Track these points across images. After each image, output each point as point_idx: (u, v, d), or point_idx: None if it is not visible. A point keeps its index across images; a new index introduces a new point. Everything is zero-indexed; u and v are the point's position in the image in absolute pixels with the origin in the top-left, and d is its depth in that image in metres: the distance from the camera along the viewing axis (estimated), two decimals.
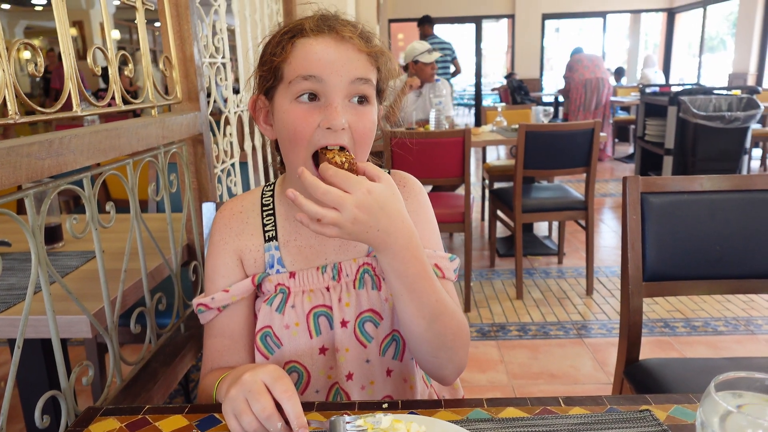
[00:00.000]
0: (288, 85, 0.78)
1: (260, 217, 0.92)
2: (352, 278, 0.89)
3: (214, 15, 1.76)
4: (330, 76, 0.76)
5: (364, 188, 0.68)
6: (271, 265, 0.89)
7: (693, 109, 4.08)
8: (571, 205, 3.17)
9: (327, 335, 0.89)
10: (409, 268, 0.76)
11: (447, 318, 0.81)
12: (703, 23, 9.89)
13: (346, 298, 0.88)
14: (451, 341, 0.82)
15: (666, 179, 1.33)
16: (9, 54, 0.85)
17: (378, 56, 0.81)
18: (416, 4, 10.61)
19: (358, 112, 0.79)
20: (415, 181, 0.95)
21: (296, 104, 0.78)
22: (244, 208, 0.93)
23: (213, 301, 0.87)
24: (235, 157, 1.98)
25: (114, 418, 0.77)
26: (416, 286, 0.77)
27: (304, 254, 0.90)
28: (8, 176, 0.84)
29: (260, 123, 0.88)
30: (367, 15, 5.40)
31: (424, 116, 4.17)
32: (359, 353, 0.89)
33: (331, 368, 0.90)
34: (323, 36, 0.78)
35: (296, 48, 0.78)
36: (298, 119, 0.77)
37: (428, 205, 0.95)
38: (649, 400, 0.77)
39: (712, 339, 2.67)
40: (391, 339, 0.90)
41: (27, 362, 1.23)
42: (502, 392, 2.26)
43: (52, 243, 1.51)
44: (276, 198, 0.93)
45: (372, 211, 0.69)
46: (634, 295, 1.32)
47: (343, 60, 0.77)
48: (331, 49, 0.77)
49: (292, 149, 0.80)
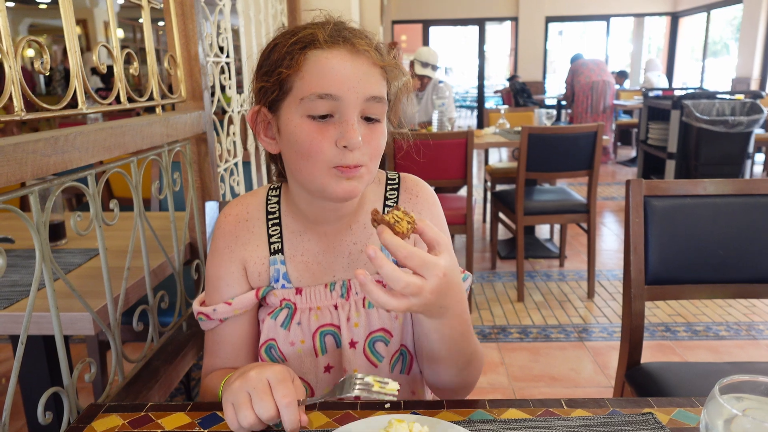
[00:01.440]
0: (300, 101, 0.73)
1: (266, 227, 0.88)
2: (361, 296, 0.86)
3: (218, 14, 1.76)
4: (346, 93, 0.72)
5: (440, 272, 0.64)
6: (276, 279, 0.87)
7: (696, 113, 4.07)
8: (573, 208, 3.17)
9: (333, 354, 0.87)
10: (454, 331, 0.75)
11: (476, 362, 0.82)
12: (706, 27, 9.88)
13: (355, 318, 0.86)
14: (474, 378, 0.84)
15: (669, 183, 1.33)
16: (16, 51, 0.85)
17: (391, 70, 0.78)
18: (419, 6, 10.62)
19: (370, 129, 0.76)
20: (429, 190, 0.92)
21: (308, 120, 0.74)
22: (250, 215, 0.89)
23: (215, 313, 0.86)
24: (238, 157, 1.98)
25: (116, 414, 0.78)
26: (456, 345, 0.77)
27: (311, 270, 0.87)
28: (13, 173, 0.84)
29: (260, 136, 0.82)
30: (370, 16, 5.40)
31: (427, 118, 4.18)
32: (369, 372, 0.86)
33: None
34: (338, 48, 0.73)
35: (309, 61, 0.73)
36: (312, 136, 0.73)
37: (442, 215, 0.92)
38: (652, 403, 0.77)
39: (713, 343, 2.67)
40: (399, 354, 0.88)
41: (30, 359, 1.24)
42: (502, 394, 2.26)
43: (55, 240, 1.51)
44: (282, 208, 0.89)
45: (442, 293, 0.66)
46: (636, 298, 1.32)
47: (359, 75, 0.73)
48: (348, 63, 0.73)
49: (307, 166, 0.75)
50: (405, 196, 0.90)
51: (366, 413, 0.75)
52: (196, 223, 1.58)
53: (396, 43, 4.09)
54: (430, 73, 4.07)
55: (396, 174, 0.93)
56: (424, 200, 0.91)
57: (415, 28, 11.25)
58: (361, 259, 0.87)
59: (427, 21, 10.92)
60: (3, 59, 0.83)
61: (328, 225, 0.87)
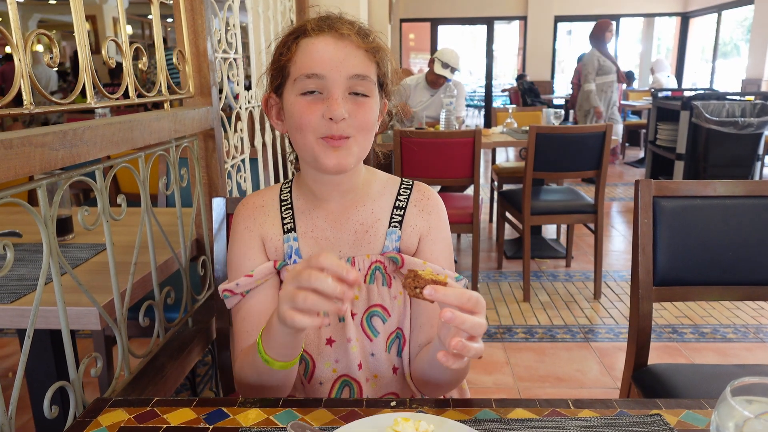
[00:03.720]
0: (294, 82, 0.84)
1: (279, 211, 0.96)
2: (363, 273, 0.92)
3: (227, 10, 1.76)
4: (330, 72, 0.81)
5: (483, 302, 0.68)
6: (289, 255, 0.93)
7: (706, 115, 4.04)
8: (580, 209, 3.15)
9: (335, 327, 0.92)
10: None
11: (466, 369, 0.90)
12: (717, 28, 9.81)
13: (356, 291, 0.91)
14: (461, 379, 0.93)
15: (679, 183, 1.31)
16: (26, 45, 0.85)
17: (376, 51, 0.85)
18: (428, 4, 10.60)
19: (357, 103, 0.84)
20: (438, 198, 0.98)
21: (301, 98, 0.83)
22: (264, 202, 0.97)
23: (237, 287, 0.91)
24: (245, 153, 1.98)
25: (122, 409, 0.78)
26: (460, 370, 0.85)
27: (321, 245, 0.94)
28: (22, 166, 0.84)
29: (272, 118, 0.93)
30: (379, 14, 5.39)
31: (435, 116, 4.17)
32: (364, 345, 0.92)
33: (337, 361, 0.92)
34: (323, 35, 0.83)
35: (300, 48, 0.84)
36: (303, 110, 0.83)
37: (447, 223, 0.98)
38: (660, 405, 0.76)
39: (721, 346, 2.65)
40: (395, 336, 0.93)
41: (36, 353, 1.24)
42: (507, 394, 2.25)
43: (62, 235, 1.52)
44: (294, 193, 0.97)
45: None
46: (644, 299, 1.31)
47: (342, 56, 0.82)
48: (331, 47, 0.82)
49: (300, 137, 0.85)
50: (416, 197, 0.97)
51: (372, 411, 0.75)
52: (203, 219, 1.58)
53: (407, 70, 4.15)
54: (448, 74, 4.06)
55: (410, 180, 1.00)
56: (433, 204, 0.97)
57: (424, 27, 11.22)
58: (366, 239, 0.93)
59: (435, 19, 10.90)
60: (13, 52, 0.83)
61: (334, 201, 0.94)
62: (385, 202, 0.95)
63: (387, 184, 0.98)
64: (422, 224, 0.94)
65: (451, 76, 4.10)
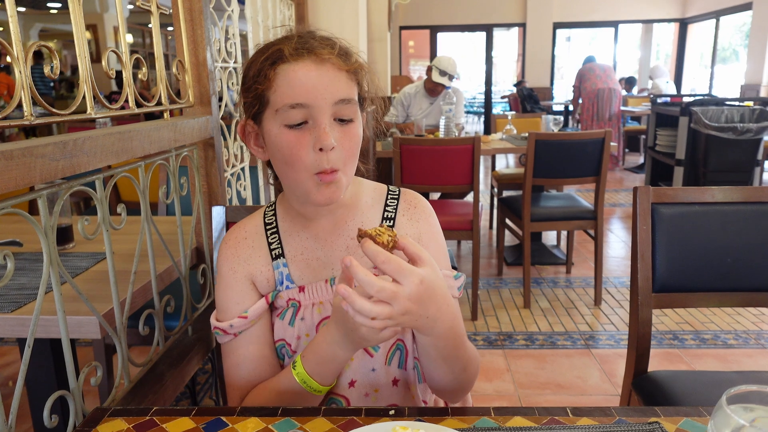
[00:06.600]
0: (276, 113, 0.80)
1: (265, 237, 0.93)
2: None
3: (227, 20, 1.77)
4: (315, 101, 0.78)
5: (417, 279, 0.67)
6: (280, 281, 0.91)
7: (705, 120, 4.05)
8: (580, 215, 3.15)
9: None
10: (448, 343, 0.78)
11: (471, 367, 0.86)
12: (715, 34, 9.85)
13: None
14: (469, 381, 0.88)
15: (677, 190, 1.32)
16: (26, 56, 0.86)
17: (357, 71, 0.83)
18: (427, 12, 10.65)
19: (344, 130, 0.81)
20: (426, 203, 0.97)
21: (286, 129, 0.80)
22: (248, 233, 0.94)
23: (232, 328, 0.89)
24: (245, 161, 1.99)
25: (122, 419, 0.78)
26: (451, 354, 0.80)
27: (312, 267, 0.91)
28: (23, 176, 0.85)
29: (251, 146, 0.89)
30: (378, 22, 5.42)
31: (435, 124, 4.18)
32: (364, 362, 0.89)
33: None
34: (303, 60, 0.79)
35: (278, 75, 0.79)
36: (292, 145, 0.80)
37: (438, 226, 0.97)
38: (659, 412, 0.76)
39: (721, 352, 2.64)
40: (396, 348, 0.91)
41: (36, 362, 1.24)
42: (508, 401, 2.25)
43: (63, 244, 1.52)
44: (279, 216, 0.94)
45: (422, 301, 0.68)
46: (643, 306, 1.31)
47: (326, 82, 0.79)
48: (313, 73, 0.78)
49: (291, 172, 0.82)
50: (403, 206, 0.95)
51: (370, 420, 0.75)
52: (203, 228, 1.58)
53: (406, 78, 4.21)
54: (446, 82, 4.08)
55: (397, 188, 0.98)
56: (421, 210, 0.95)
57: (423, 34, 11.27)
58: (358, 254, 0.89)
59: (434, 27, 10.95)
60: (13, 64, 0.84)
61: (323, 219, 0.91)
62: (374, 214, 0.93)
63: (374, 194, 0.96)
64: (413, 232, 0.93)
65: (449, 84, 4.12)
